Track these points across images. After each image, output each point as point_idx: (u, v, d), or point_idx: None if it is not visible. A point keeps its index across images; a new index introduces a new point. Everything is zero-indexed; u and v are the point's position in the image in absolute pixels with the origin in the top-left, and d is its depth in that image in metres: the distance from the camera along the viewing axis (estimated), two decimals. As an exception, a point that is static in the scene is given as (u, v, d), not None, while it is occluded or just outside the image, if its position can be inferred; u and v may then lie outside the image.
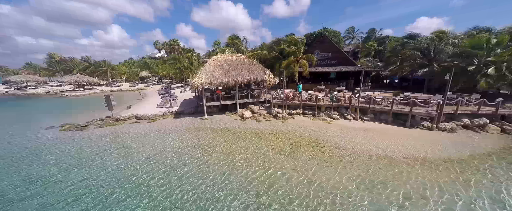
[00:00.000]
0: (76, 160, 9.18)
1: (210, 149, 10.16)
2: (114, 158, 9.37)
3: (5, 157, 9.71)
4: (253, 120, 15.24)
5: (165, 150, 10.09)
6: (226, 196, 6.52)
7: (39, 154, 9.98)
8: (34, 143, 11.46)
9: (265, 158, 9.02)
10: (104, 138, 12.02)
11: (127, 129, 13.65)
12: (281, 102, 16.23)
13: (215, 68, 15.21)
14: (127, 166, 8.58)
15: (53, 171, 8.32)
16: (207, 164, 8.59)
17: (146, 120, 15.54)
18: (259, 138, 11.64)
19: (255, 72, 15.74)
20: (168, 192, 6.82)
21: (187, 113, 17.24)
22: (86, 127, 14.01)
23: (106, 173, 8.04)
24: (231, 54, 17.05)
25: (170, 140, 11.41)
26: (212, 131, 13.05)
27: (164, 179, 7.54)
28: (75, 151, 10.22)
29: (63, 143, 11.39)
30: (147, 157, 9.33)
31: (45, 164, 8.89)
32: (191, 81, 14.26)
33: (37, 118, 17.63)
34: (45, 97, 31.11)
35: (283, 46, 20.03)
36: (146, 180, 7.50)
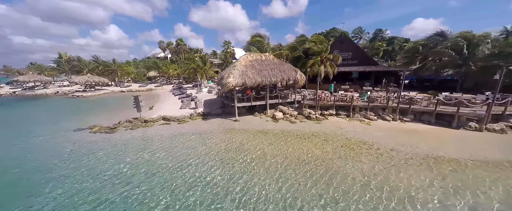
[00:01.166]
0: (135, 167, 8.70)
1: (259, 152, 9.69)
2: (171, 161, 8.88)
3: (74, 162, 9.15)
4: (286, 121, 14.82)
5: (212, 154, 9.61)
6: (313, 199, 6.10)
7: (92, 156, 9.46)
8: (74, 145, 10.92)
9: (323, 161, 8.60)
10: (145, 141, 11.42)
11: (161, 131, 13.10)
12: (313, 102, 15.85)
13: (247, 68, 14.75)
14: (187, 168, 8.11)
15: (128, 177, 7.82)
16: (266, 169, 8.13)
17: (176, 121, 15.01)
18: (303, 139, 11.22)
19: (287, 72, 15.32)
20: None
21: (214, 114, 16.75)
22: (116, 129, 13.45)
23: (182, 180, 7.55)
24: (259, 54, 16.61)
25: (213, 143, 10.91)
26: (249, 133, 12.58)
27: (235, 186, 7.08)
28: (124, 155, 9.71)
29: (109, 144, 10.85)
30: (203, 162, 8.86)
31: (115, 170, 8.36)
32: (224, 81, 13.79)
33: (58, 119, 16.92)
34: (55, 98, 30.27)
35: (308, 45, 19.63)
36: (225, 186, 7.04)
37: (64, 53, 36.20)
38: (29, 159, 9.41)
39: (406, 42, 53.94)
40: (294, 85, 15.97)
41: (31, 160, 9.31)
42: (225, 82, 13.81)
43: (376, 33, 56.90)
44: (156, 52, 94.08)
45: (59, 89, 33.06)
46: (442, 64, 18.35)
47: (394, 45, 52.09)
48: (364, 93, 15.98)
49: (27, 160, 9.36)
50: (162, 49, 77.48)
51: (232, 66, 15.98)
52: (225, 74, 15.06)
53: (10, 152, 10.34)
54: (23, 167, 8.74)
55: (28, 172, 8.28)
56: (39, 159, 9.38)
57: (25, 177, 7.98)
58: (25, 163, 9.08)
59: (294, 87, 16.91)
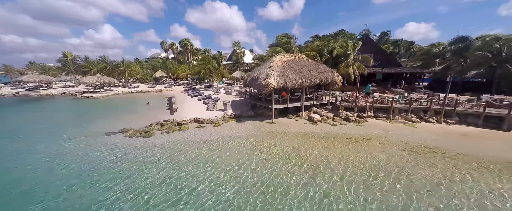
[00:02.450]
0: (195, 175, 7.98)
1: (322, 158, 9.12)
2: (234, 170, 8.20)
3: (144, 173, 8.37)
4: (325, 124, 14.35)
5: (274, 161, 8.98)
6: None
7: (147, 164, 8.65)
8: (119, 150, 10.10)
9: (397, 167, 8.13)
10: (192, 145, 10.66)
11: (200, 134, 12.36)
12: (348, 104, 15.47)
13: (285, 68, 14.24)
14: (259, 178, 7.48)
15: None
16: (338, 177, 7.61)
17: (210, 124, 14.32)
18: (356, 143, 10.73)
19: (324, 73, 14.89)
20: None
21: (246, 116, 16.14)
22: (151, 132, 12.63)
23: (243, 190, 6.91)
24: (293, 54, 16.14)
25: (265, 148, 10.28)
26: (294, 136, 11.99)
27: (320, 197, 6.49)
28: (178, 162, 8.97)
29: (154, 148, 10.02)
30: (270, 171, 8.22)
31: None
32: (263, 82, 13.19)
33: (81, 122, 15.85)
34: (62, 99, 28.82)
35: (336, 50, 19.32)
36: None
37: (69, 53, 34.69)
38: (85, 166, 8.60)
39: (411, 45, 54.73)
40: (330, 86, 15.53)
41: (91, 167, 8.50)
42: (265, 83, 13.24)
43: (382, 36, 57.67)
44: (156, 53, 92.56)
45: (65, 90, 31.61)
46: (471, 65, 18.38)
47: (399, 47, 52.80)
48: (400, 94, 15.71)
49: (82, 167, 8.55)
50: (165, 49, 76.43)
51: (266, 67, 15.43)
52: (261, 75, 14.50)
53: (60, 157, 9.50)
54: (82, 177, 7.92)
55: (95, 185, 7.48)
56: (100, 167, 8.54)
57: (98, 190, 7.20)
58: (83, 171, 8.27)
59: (329, 88, 16.45)
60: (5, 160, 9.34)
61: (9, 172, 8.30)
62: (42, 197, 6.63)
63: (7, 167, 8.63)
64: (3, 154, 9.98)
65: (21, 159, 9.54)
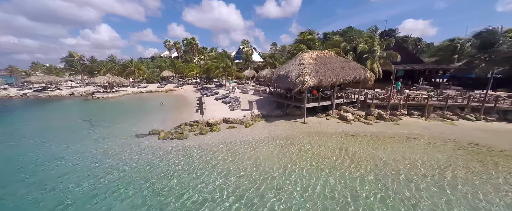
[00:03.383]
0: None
1: (373, 158, 8.77)
2: (292, 177, 7.77)
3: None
4: (359, 123, 13.94)
5: (331, 166, 8.58)
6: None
7: (196, 170, 8.16)
8: (160, 153, 9.56)
9: (469, 170, 7.74)
10: (232, 147, 10.17)
11: (235, 136, 11.83)
12: (380, 102, 15.07)
13: (318, 66, 13.77)
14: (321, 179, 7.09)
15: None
16: (408, 179, 7.19)
17: (240, 124, 13.84)
18: (404, 142, 10.33)
19: (356, 70, 14.45)
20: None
21: (274, 116, 15.67)
22: (183, 134, 12.10)
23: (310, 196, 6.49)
24: (321, 52, 15.66)
25: (313, 150, 9.83)
26: (334, 136, 11.53)
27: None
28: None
29: (196, 152, 9.50)
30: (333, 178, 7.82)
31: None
32: (297, 80, 12.72)
33: (103, 124, 15.25)
34: (72, 100, 28.05)
35: (360, 43, 18.89)
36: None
37: (75, 53, 33.80)
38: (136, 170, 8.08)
39: (418, 42, 54.47)
40: (362, 84, 15.09)
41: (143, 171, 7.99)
42: (299, 81, 12.77)
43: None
44: (157, 52, 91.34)
45: (74, 91, 30.86)
46: (498, 61, 18.06)
47: (408, 44, 52.53)
48: (432, 91, 15.34)
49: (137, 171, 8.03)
50: (168, 48, 75.42)
51: (295, 64, 14.92)
52: (292, 73, 14.02)
53: (107, 160, 8.98)
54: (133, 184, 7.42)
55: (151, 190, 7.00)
56: (156, 172, 8.04)
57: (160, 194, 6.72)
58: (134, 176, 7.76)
59: (358, 86, 16.00)
60: (51, 162, 8.88)
61: (63, 176, 7.81)
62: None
63: (63, 172, 8.14)
64: (45, 156, 9.49)
65: (67, 160, 9.16)
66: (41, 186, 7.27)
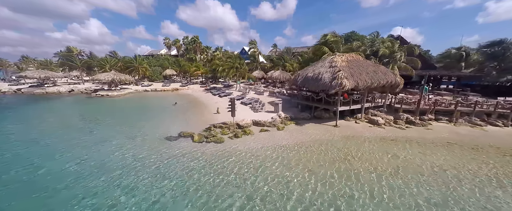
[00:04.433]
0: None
1: (424, 163, 8.62)
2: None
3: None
4: (391, 127, 13.85)
5: (379, 167, 8.30)
6: None
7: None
8: (209, 161, 8.87)
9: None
10: (278, 152, 9.68)
11: (272, 140, 11.30)
12: (411, 107, 15.11)
13: (351, 69, 13.56)
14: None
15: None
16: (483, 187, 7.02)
17: (271, 127, 13.32)
18: (447, 147, 10.24)
19: (388, 74, 14.40)
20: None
21: (302, 119, 15.30)
22: (216, 137, 11.43)
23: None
24: (350, 54, 15.50)
25: (358, 153, 9.56)
26: (376, 141, 11.29)
27: None
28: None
29: (243, 158, 8.90)
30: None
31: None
32: (339, 83, 12.36)
33: (123, 125, 14.18)
34: (74, 97, 26.15)
35: (381, 48, 19.00)
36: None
37: (74, 47, 31.69)
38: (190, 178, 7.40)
39: (418, 48, 56.26)
40: (392, 89, 15.06)
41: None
42: (336, 84, 12.48)
43: (374, 39, 58.91)
44: (154, 50, 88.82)
45: (73, 88, 28.97)
46: (510, 70, 18.77)
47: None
48: (457, 96, 15.60)
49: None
50: (167, 46, 73.55)
51: (325, 66, 14.62)
52: (325, 75, 13.71)
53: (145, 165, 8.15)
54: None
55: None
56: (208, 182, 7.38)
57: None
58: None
59: (385, 91, 15.89)
60: (90, 167, 7.96)
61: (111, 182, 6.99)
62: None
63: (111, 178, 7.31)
64: (76, 160, 8.52)
65: (109, 163, 8.41)
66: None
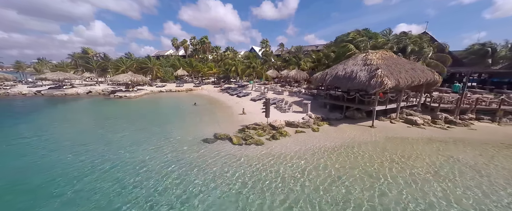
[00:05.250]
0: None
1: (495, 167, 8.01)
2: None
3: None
4: (431, 127, 13.23)
5: (444, 174, 7.75)
6: None
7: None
8: (261, 165, 8.45)
9: None
10: (328, 154, 9.25)
11: (312, 140, 10.85)
12: (449, 106, 14.42)
13: (391, 67, 12.96)
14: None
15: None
16: None
17: (306, 128, 12.85)
18: (508, 149, 9.65)
19: (425, 72, 13.75)
20: None
21: (334, 119, 14.78)
22: (254, 139, 11.02)
23: None
24: (384, 52, 14.89)
25: (411, 156, 9.02)
26: (424, 142, 10.71)
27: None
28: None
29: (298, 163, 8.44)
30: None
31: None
32: (380, 81, 11.78)
33: (153, 127, 13.90)
34: (93, 99, 26.16)
35: (409, 44, 18.29)
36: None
37: (89, 48, 31.83)
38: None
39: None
40: (427, 87, 14.41)
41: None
42: (375, 83, 11.91)
43: (401, 35, 57.53)
44: (163, 51, 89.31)
45: (91, 89, 29.12)
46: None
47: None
48: (496, 95, 14.82)
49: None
50: (175, 47, 73.86)
51: (358, 64, 14.05)
52: (360, 74, 13.16)
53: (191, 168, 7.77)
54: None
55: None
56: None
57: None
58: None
59: (422, 89, 15.18)
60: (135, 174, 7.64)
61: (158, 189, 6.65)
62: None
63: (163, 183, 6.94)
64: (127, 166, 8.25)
65: (151, 165, 7.99)
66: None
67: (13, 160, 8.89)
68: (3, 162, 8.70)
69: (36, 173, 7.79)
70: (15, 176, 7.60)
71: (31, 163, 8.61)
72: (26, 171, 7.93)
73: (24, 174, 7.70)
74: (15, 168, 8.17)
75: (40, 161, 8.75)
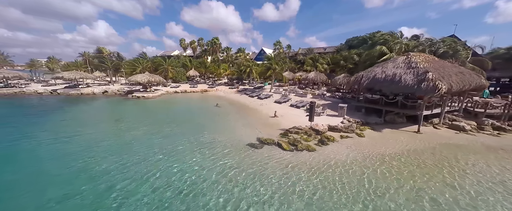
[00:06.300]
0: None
1: None
2: None
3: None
4: (480, 134, 12.58)
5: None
6: None
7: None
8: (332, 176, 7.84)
9: None
10: (398, 162, 8.62)
11: (365, 147, 10.22)
12: (496, 111, 13.80)
13: (439, 70, 12.37)
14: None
15: None
16: None
17: (349, 132, 12.20)
18: None
19: (472, 76, 13.17)
20: None
21: (374, 123, 14.13)
22: (303, 144, 10.43)
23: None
24: (423, 55, 14.33)
25: (491, 168, 8.40)
26: (486, 151, 10.08)
27: None
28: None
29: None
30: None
31: None
32: (434, 85, 11.15)
33: (186, 128, 13.28)
34: (110, 99, 25.56)
35: (441, 47, 17.75)
36: None
37: (103, 48, 31.45)
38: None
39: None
40: (473, 91, 13.83)
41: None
42: (428, 87, 11.28)
43: (412, 38, 57.03)
44: (168, 51, 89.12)
45: (106, 89, 28.62)
46: None
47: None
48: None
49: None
50: (183, 47, 73.74)
51: (401, 67, 13.49)
52: (406, 77, 12.59)
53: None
54: None
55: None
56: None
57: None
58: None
59: (465, 94, 14.52)
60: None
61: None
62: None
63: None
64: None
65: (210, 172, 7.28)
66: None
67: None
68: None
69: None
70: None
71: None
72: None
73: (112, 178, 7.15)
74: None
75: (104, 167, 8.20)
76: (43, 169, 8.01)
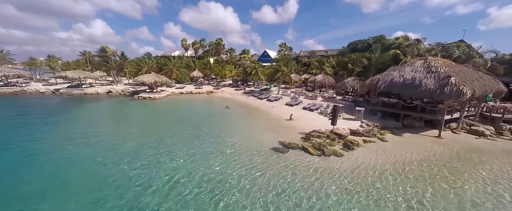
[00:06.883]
0: None
1: None
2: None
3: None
4: (500, 139, 12.53)
5: None
6: None
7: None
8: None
9: None
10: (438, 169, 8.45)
11: (391, 152, 10.06)
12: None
13: (460, 75, 12.33)
14: None
15: None
16: None
17: (371, 137, 12.01)
18: None
19: (492, 81, 13.19)
20: None
21: (394, 127, 13.97)
22: (329, 149, 10.14)
23: None
24: (441, 60, 14.33)
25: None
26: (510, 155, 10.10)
27: None
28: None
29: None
30: None
31: None
32: (455, 89, 11.09)
33: (202, 131, 12.91)
34: (116, 99, 24.89)
35: (455, 52, 17.85)
36: None
37: (107, 47, 30.79)
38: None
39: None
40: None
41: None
42: (452, 91, 11.21)
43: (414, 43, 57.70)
44: (168, 51, 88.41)
45: (110, 89, 27.95)
46: None
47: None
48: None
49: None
50: (185, 48, 73.28)
51: (418, 71, 13.44)
52: (427, 81, 12.51)
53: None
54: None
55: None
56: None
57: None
58: None
59: (483, 99, 14.51)
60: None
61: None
62: None
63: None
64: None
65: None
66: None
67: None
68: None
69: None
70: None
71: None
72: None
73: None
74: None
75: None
76: (75, 171, 7.60)
